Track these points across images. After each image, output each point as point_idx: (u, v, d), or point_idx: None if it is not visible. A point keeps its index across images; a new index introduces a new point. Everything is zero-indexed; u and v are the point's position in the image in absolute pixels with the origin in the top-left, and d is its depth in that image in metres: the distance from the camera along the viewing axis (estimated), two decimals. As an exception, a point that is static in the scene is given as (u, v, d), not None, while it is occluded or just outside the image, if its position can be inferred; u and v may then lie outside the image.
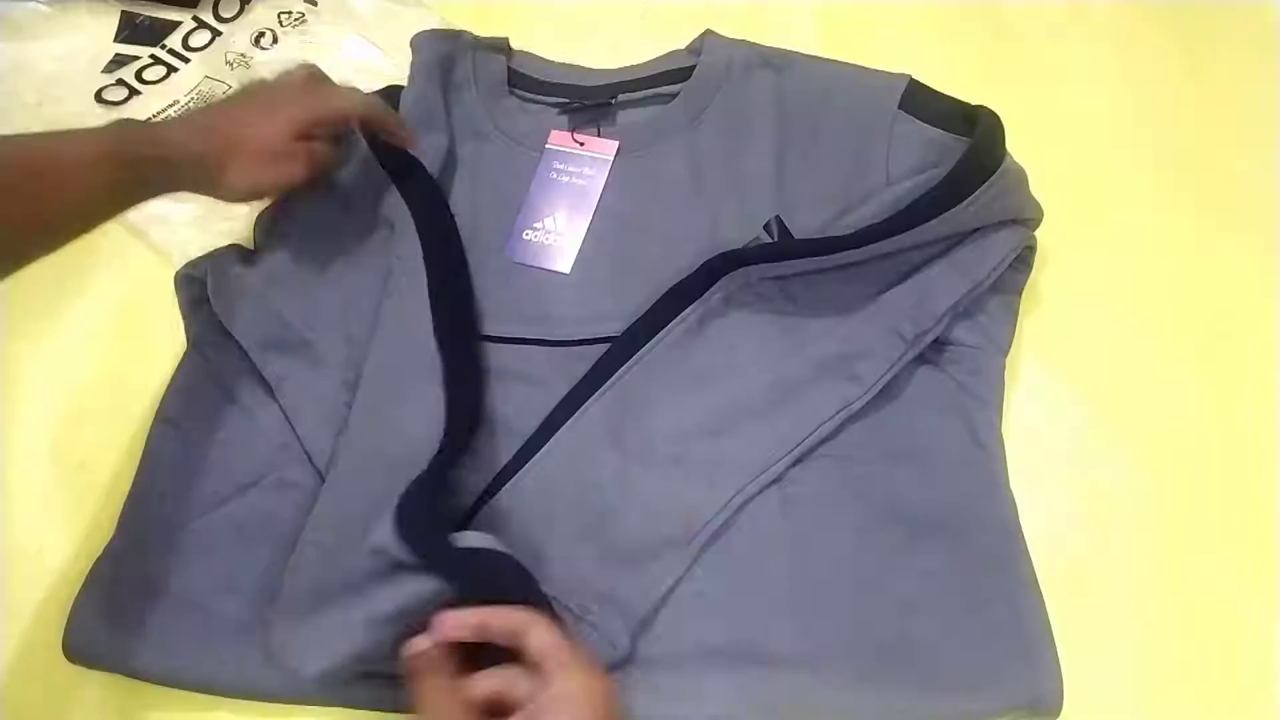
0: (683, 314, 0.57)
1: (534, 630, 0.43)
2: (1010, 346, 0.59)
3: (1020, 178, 0.59)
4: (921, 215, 0.55)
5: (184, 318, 0.62)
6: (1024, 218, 0.59)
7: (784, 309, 0.58)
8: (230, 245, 0.63)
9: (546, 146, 0.66)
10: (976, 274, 0.57)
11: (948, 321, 0.57)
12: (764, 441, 0.55)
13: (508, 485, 0.54)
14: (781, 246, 0.60)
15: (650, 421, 0.55)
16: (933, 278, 0.57)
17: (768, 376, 0.56)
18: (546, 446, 0.54)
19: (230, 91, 0.65)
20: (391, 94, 0.67)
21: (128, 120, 0.53)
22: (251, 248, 0.64)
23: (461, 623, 0.44)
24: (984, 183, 0.55)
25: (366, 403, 0.55)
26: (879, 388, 0.56)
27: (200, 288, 0.61)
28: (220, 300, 0.59)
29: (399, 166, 0.62)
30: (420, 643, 0.44)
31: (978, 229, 0.58)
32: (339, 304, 0.60)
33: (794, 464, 0.55)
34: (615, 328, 0.59)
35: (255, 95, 0.58)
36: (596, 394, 0.55)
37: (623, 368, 0.56)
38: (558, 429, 0.55)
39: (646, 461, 0.54)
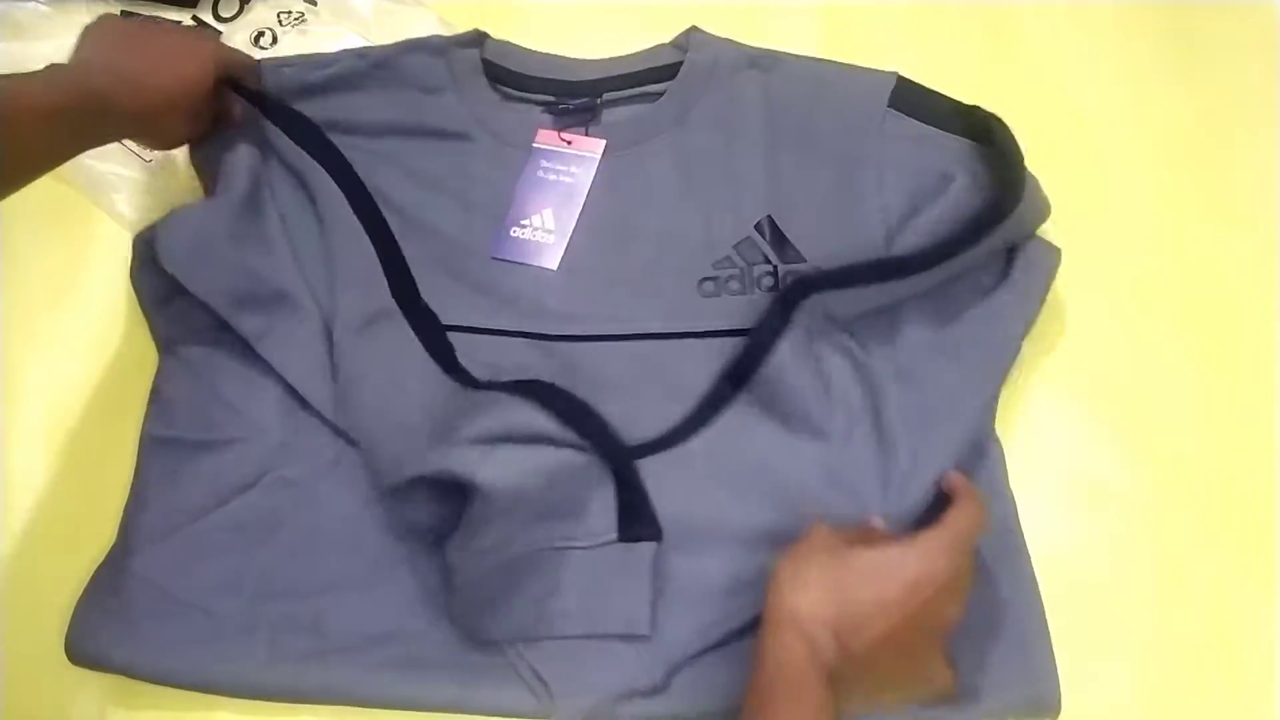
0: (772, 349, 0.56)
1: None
2: (1009, 346, 0.59)
3: (1033, 179, 0.59)
4: (982, 228, 0.55)
5: (148, 320, 0.60)
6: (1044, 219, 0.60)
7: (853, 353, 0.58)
8: (172, 211, 0.60)
9: (534, 145, 0.66)
10: (1039, 292, 0.58)
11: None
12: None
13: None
14: (851, 270, 0.57)
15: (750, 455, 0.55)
16: (1000, 306, 0.57)
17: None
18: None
19: (106, 27, 0.60)
20: None
21: (59, 66, 0.54)
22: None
23: None
24: (1021, 183, 0.56)
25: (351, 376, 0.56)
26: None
27: (161, 284, 0.59)
28: (177, 264, 0.57)
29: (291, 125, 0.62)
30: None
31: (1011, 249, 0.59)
32: (290, 254, 0.60)
33: None
34: (601, 326, 0.60)
35: (166, 41, 0.62)
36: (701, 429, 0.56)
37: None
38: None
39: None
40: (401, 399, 0.55)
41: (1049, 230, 0.60)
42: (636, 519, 0.52)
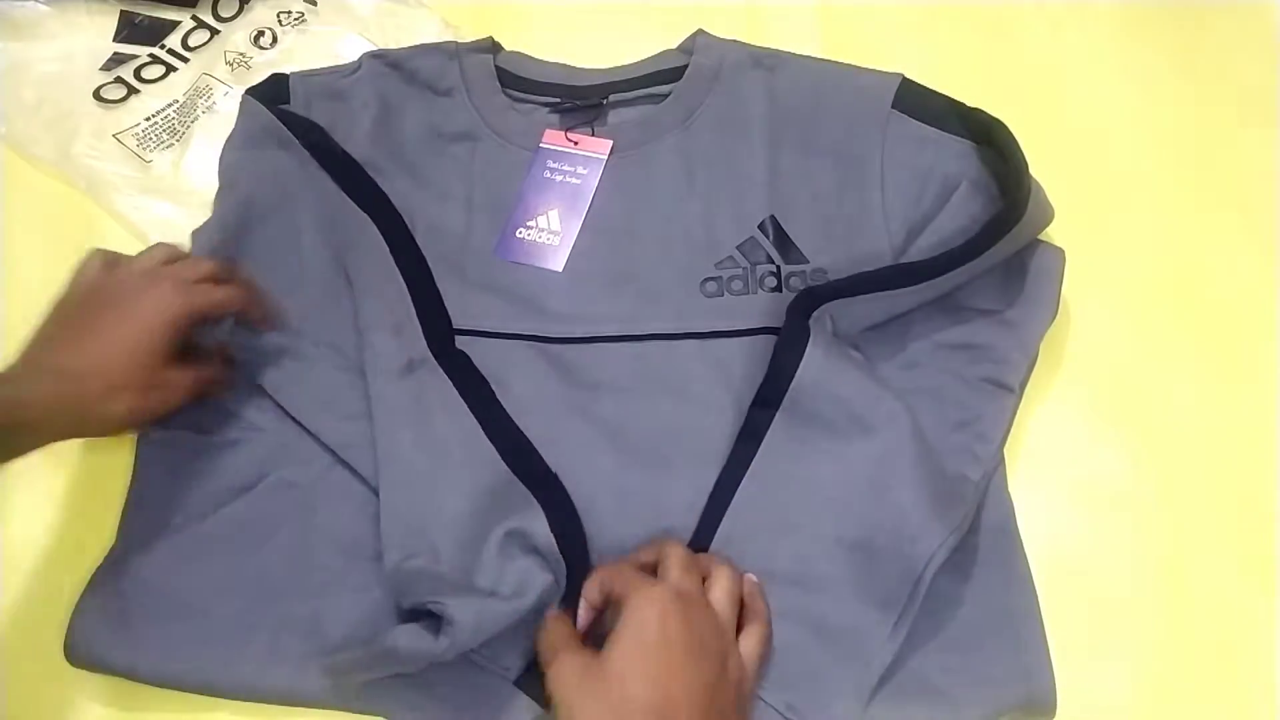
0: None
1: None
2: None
3: (1036, 184, 0.59)
4: (991, 236, 0.55)
5: None
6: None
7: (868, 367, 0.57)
8: None
9: (540, 145, 0.66)
10: (1052, 300, 0.57)
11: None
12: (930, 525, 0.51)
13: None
14: (858, 279, 0.56)
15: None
16: (1016, 318, 0.57)
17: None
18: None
19: (72, 295, 0.54)
20: (278, 81, 0.66)
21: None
22: None
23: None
24: (1028, 190, 0.56)
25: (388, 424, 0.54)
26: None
27: None
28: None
29: (338, 169, 0.61)
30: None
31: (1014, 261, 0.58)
32: (300, 312, 0.59)
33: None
34: (607, 327, 0.59)
35: (105, 308, 0.52)
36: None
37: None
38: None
39: None
40: (444, 463, 0.53)
41: (1051, 230, 0.60)
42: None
